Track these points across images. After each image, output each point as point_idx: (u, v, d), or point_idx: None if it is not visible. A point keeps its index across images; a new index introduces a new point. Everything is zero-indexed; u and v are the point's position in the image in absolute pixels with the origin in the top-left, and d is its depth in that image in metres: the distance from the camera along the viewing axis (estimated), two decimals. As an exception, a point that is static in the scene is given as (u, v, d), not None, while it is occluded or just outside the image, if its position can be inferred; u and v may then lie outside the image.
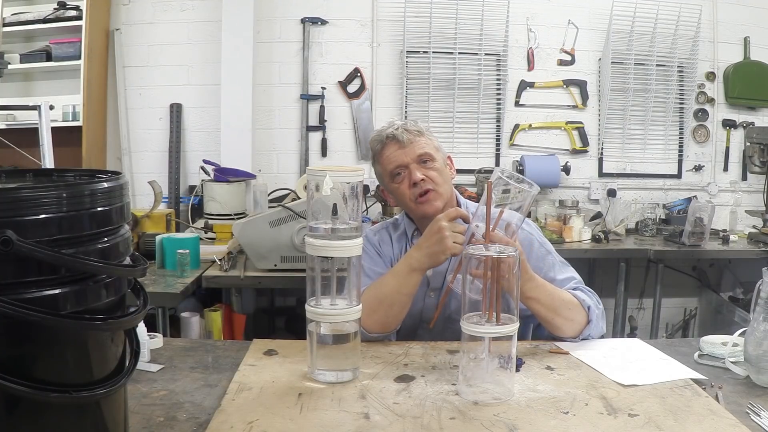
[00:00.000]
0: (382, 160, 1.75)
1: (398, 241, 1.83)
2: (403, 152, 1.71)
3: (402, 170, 1.72)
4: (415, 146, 1.71)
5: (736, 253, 3.63)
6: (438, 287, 1.74)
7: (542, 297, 1.55)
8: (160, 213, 3.16)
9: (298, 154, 4.01)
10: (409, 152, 1.71)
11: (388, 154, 1.73)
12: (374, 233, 1.86)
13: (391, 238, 1.83)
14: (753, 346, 1.36)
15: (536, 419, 1.18)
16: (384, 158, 1.74)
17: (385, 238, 1.83)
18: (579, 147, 4.10)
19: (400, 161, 1.71)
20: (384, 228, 1.87)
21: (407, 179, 1.71)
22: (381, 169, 1.77)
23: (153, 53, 3.91)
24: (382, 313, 1.57)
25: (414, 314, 1.72)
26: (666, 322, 4.07)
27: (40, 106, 2.79)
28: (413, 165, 1.70)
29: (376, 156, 1.77)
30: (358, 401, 1.26)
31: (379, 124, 3.93)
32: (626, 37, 4.01)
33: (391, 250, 1.82)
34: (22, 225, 0.78)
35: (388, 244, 1.82)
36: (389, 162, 1.73)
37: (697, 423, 1.17)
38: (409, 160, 1.71)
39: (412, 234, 1.81)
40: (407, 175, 1.71)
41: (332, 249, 1.33)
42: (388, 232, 1.85)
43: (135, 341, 0.99)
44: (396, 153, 1.72)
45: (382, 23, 3.97)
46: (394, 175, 1.73)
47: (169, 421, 1.17)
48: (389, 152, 1.73)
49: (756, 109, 4.18)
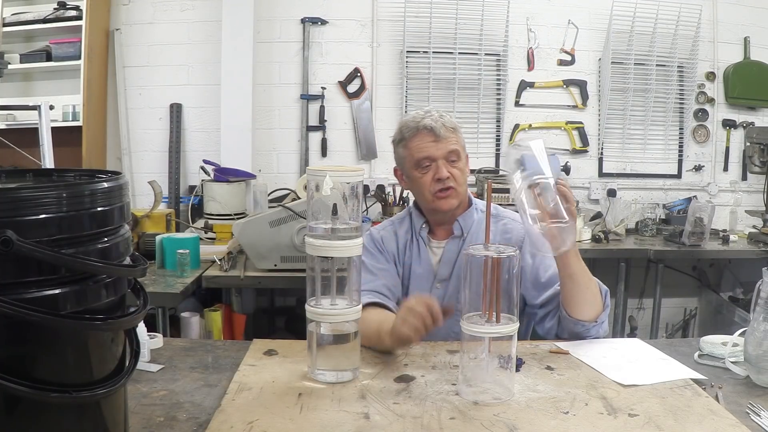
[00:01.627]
0: (411, 146, 1.74)
1: (404, 236, 1.84)
2: (436, 146, 1.72)
3: (429, 162, 1.72)
4: (449, 142, 1.72)
5: (736, 253, 3.63)
6: (444, 279, 1.75)
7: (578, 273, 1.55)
8: (160, 213, 3.16)
9: (298, 154, 4.01)
10: (441, 147, 1.72)
11: (419, 142, 1.73)
12: (378, 231, 1.87)
13: (396, 234, 1.84)
14: (753, 346, 1.36)
15: (536, 419, 1.18)
16: (414, 145, 1.74)
17: (389, 234, 1.84)
18: (579, 147, 4.10)
19: (430, 154, 1.72)
20: (390, 225, 1.89)
21: (432, 172, 1.72)
22: (407, 153, 1.76)
23: (153, 53, 3.91)
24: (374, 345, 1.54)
25: None
26: (666, 322, 4.07)
27: (40, 106, 2.79)
28: (441, 161, 1.72)
29: (406, 140, 1.75)
30: (358, 401, 1.26)
31: (379, 124, 3.97)
32: (626, 37, 4.01)
33: (396, 246, 1.82)
34: (22, 225, 0.78)
35: (392, 241, 1.83)
36: (419, 150, 1.73)
37: (697, 423, 1.17)
38: (439, 155, 1.72)
39: (420, 228, 1.82)
40: (433, 168, 1.72)
41: (332, 249, 1.33)
42: (393, 228, 1.86)
43: (135, 341, 0.99)
44: (428, 144, 1.72)
45: (382, 23, 3.97)
46: (421, 165, 1.73)
47: (169, 421, 1.17)
48: (422, 141, 1.73)
49: (756, 109, 4.18)
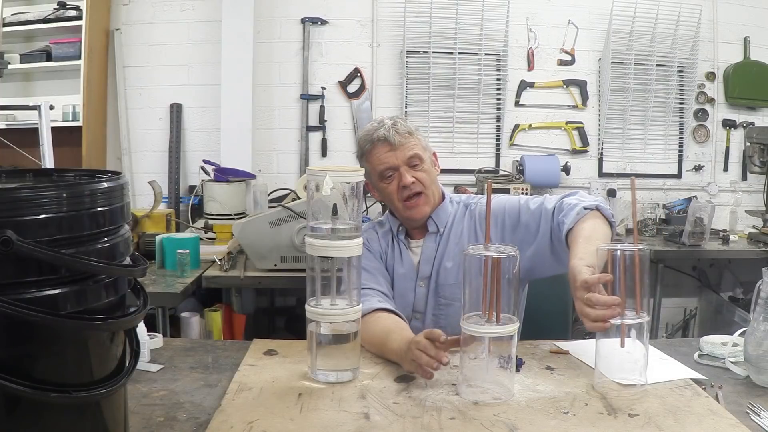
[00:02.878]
0: (371, 160, 1.76)
1: (384, 237, 1.86)
2: (394, 154, 1.72)
3: (392, 172, 1.74)
4: (405, 148, 1.72)
5: (736, 253, 3.62)
6: (426, 276, 1.77)
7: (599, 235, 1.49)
8: (160, 213, 3.16)
9: (298, 154, 4.01)
10: (399, 154, 1.72)
11: (378, 154, 1.74)
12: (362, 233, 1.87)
13: (378, 235, 1.86)
14: (753, 346, 1.36)
15: (536, 419, 1.19)
16: (374, 158, 1.75)
17: (372, 236, 1.86)
18: (579, 147, 4.10)
19: (390, 163, 1.73)
20: (371, 227, 1.90)
21: (396, 180, 1.73)
22: (370, 167, 1.78)
23: (153, 53, 3.91)
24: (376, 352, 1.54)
25: (406, 305, 1.77)
26: (666, 322, 4.06)
27: (40, 106, 2.79)
28: (403, 168, 1.72)
29: (366, 155, 1.78)
30: (358, 401, 1.26)
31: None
32: (626, 37, 4.01)
33: (379, 246, 1.85)
34: (22, 225, 0.78)
35: (375, 241, 1.85)
36: (379, 163, 1.74)
37: (697, 423, 1.17)
38: (399, 163, 1.72)
39: (397, 230, 1.84)
40: (397, 176, 1.73)
41: (332, 249, 1.33)
42: (375, 231, 1.88)
43: (135, 341, 0.99)
44: (386, 155, 1.73)
45: (382, 23, 3.97)
46: (384, 177, 1.75)
47: (169, 421, 1.17)
48: (379, 153, 1.74)
49: (756, 109, 4.18)
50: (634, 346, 1.28)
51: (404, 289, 1.79)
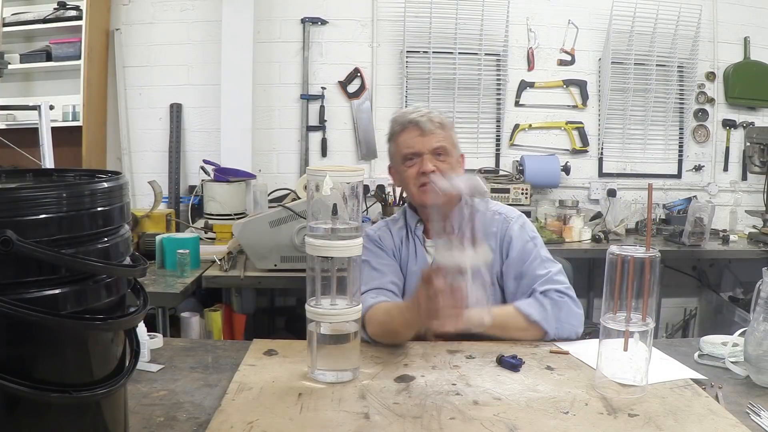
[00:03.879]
0: (398, 141, 1.78)
1: (398, 234, 1.87)
2: (421, 140, 1.73)
3: (415, 157, 1.74)
4: (434, 137, 1.73)
5: (736, 253, 3.63)
6: None
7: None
8: (160, 213, 3.16)
9: (298, 154, 4.01)
10: (426, 142, 1.73)
11: (406, 137, 1.75)
12: (375, 230, 1.90)
13: (391, 232, 1.87)
14: (753, 346, 1.36)
15: (536, 419, 1.18)
16: (401, 140, 1.77)
17: (384, 234, 1.87)
18: (579, 147, 4.10)
19: (416, 148, 1.74)
20: (384, 224, 1.91)
21: (417, 166, 1.74)
22: (395, 149, 1.79)
23: (153, 53, 3.91)
24: (390, 339, 1.58)
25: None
26: (666, 322, 4.07)
27: (40, 106, 2.79)
28: (427, 155, 1.73)
29: (394, 135, 1.79)
30: (358, 401, 1.26)
31: (379, 124, 3.96)
32: (626, 37, 4.01)
33: (392, 242, 1.85)
34: (22, 225, 0.77)
35: (388, 239, 1.86)
36: (405, 146, 1.75)
37: (697, 423, 1.17)
38: (425, 150, 1.73)
39: (415, 226, 1.85)
40: (419, 162, 1.74)
41: (332, 249, 1.33)
42: (388, 228, 1.89)
43: (135, 341, 0.99)
44: (414, 139, 1.74)
45: (382, 23, 3.97)
46: (407, 159, 1.76)
47: (169, 421, 1.17)
48: (408, 136, 1.75)
49: (756, 109, 4.18)
50: (637, 349, 1.28)
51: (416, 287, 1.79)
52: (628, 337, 1.28)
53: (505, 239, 1.77)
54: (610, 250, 1.30)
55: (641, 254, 1.27)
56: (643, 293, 1.27)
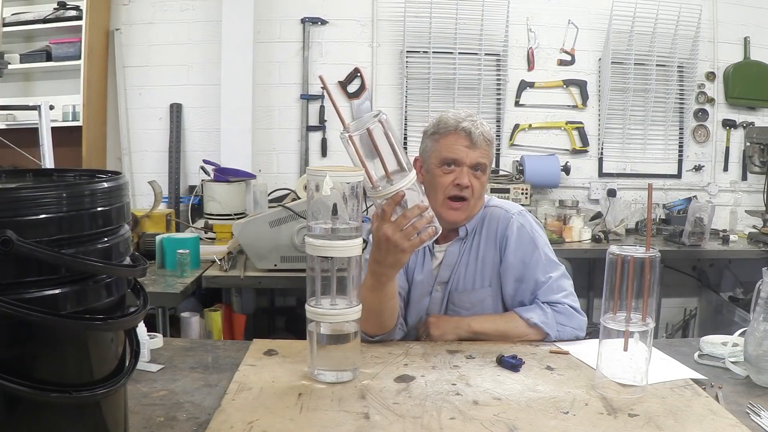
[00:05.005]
0: (442, 142, 1.71)
1: None
2: (467, 152, 1.69)
3: (454, 165, 1.70)
4: (480, 153, 1.69)
5: (736, 253, 3.63)
6: (444, 281, 1.75)
7: (488, 330, 1.65)
8: (160, 213, 3.16)
9: (298, 154, 4.01)
10: (471, 155, 1.69)
11: (452, 142, 1.69)
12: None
13: None
14: (753, 346, 1.36)
15: (536, 419, 1.18)
16: (446, 143, 1.70)
17: None
18: (579, 147, 4.10)
19: (459, 157, 1.69)
20: None
21: (455, 176, 1.69)
22: (436, 148, 1.72)
23: (153, 53, 3.91)
24: (374, 321, 1.56)
25: (420, 309, 1.76)
26: (666, 322, 4.07)
27: (40, 106, 2.79)
28: (467, 168, 1.69)
29: (439, 135, 1.72)
30: (358, 401, 1.26)
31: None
32: (626, 37, 4.01)
33: None
34: (22, 225, 0.78)
35: None
36: (449, 150, 1.69)
37: (697, 423, 1.17)
38: (467, 162, 1.69)
39: None
40: (456, 172, 1.69)
41: (332, 249, 1.33)
42: None
43: (135, 341, 0.99)
44: (461, 148, 1.69)
45: (382, 23, 3.97)
46: (445, 164, 1.70)
47: (169, 421, 1.17)
48: (455, 141, 1.69)
49: (756, 109, 4.18)
50: (637, 349, 1.28)
51: (420, 295, 1.77)
52: (628, 337, 1.28)
53: (503, 238, 1.75)
54: (610, 250, 1.30)
55: (641, 254, 1.27)
56: (643, 293, 1.27)
